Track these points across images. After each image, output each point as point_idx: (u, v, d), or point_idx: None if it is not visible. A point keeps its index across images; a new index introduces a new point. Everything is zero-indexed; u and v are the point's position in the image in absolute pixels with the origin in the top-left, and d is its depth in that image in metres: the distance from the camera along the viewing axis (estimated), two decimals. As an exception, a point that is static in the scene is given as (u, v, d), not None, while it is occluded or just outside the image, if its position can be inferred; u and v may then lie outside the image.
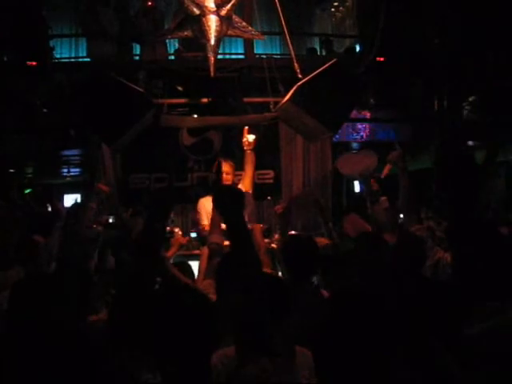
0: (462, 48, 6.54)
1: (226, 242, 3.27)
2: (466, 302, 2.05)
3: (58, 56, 6.79)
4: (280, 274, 3.43)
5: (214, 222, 3.40)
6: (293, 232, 4.65)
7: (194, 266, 4.33)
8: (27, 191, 6.38)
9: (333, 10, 9.11)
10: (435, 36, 6.71)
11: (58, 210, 4.24)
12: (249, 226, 3.53)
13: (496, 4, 6.45)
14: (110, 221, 4.51)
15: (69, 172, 8.49)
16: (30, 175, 8.26)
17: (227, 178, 4.93)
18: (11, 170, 7.60)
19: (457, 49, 6.59)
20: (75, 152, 7.70)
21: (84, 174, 7.75)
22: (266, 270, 2.89)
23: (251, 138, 5.08)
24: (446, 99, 7.02)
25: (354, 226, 3.77)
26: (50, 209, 4.97)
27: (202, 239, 4.75)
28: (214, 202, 2.15)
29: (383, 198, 3.94)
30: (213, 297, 2.47)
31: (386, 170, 4.08)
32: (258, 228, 3.67)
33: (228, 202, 1.94)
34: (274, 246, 4.54)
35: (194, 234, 4.99)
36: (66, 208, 4.77)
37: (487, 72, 6.61)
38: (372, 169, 4.23)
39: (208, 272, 3.18)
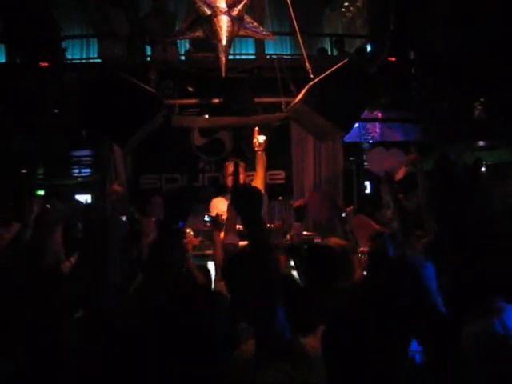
0: (472, 49, 6.50)
1: (242, 243, 3.26)
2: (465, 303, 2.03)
3: (69, 57, 6.81)
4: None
5: (229, 223, 3.38)
6: (305, 232, 4.63)
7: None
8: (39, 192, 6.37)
9: (343, 10, 9.08)
10: (446, 37, 6.68)
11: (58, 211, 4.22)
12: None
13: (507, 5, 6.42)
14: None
15: (80, 173, 8.51)
16: (41, 176, 8.29)
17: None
18: (23, 171, 7.63)
19: (467, 50, 6.56)
20: (86, 153, 7.73)
21: (95, 175, 7.77)
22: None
23: (261, 138, 5.06)
24: (457, 99, 6.98)
25: (362, 227, 3.73)
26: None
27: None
28: (232, 202, 2.14)
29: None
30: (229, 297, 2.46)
31: (401, 173, 4.02)
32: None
33: (247, 201, 1.93)
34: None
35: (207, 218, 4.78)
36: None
37: (498, 73, 6.57)
38: (398, 170, 4.13)
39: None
